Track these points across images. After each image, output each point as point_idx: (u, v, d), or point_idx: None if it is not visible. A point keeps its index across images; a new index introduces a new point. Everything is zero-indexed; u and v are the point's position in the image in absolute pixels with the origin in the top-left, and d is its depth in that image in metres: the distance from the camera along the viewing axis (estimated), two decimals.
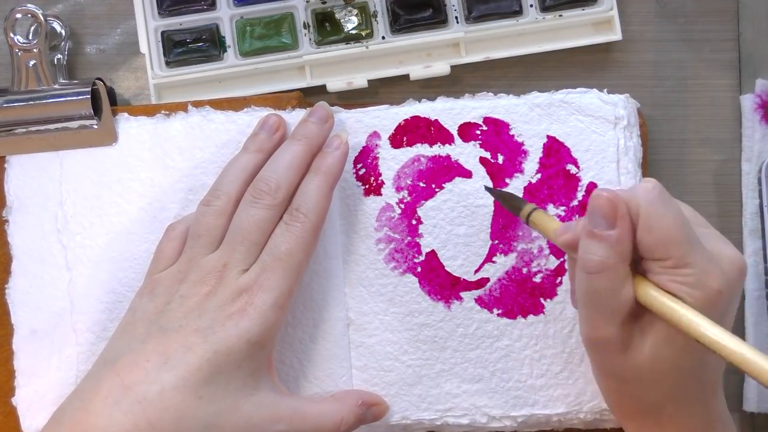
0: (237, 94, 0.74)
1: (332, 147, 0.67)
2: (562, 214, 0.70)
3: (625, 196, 0.57)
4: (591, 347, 0.61)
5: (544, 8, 0.74)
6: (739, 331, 0.73)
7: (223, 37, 0.74)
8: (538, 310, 0.70)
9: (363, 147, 0.71)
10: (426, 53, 0.75)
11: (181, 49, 0.74)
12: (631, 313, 0.57)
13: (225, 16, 0.74)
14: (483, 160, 0.71)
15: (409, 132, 0.71)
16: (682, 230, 0.56)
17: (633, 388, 0.60)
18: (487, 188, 0.68)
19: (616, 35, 0.74)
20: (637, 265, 0.58)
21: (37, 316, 0.69)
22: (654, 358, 0.57)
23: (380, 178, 0.71)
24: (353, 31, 0.74)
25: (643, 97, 0.74)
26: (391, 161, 0.71)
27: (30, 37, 0.72)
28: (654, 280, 0.57)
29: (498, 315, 0.70)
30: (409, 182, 0.71)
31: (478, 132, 0.71)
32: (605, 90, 0.72)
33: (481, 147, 0.71)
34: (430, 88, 0.75)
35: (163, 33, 0.74)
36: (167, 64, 0.74)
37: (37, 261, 0.70)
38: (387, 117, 0.72)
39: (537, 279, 0.70)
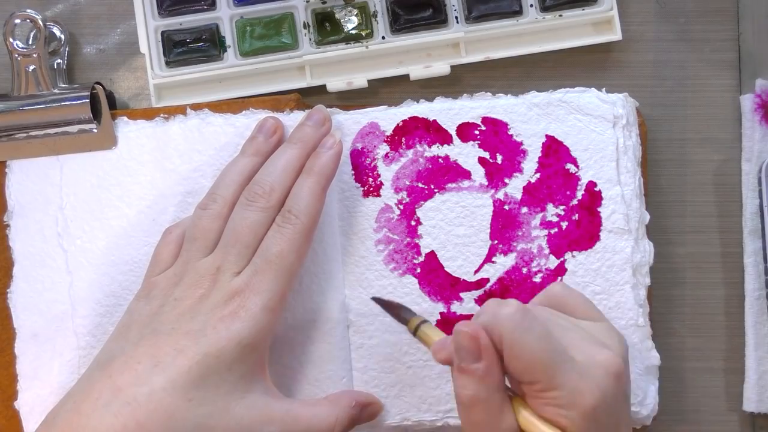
0: (237, 94, 0.73)
1: (326, 147, 0.67)
2: (562, 213, 0.70)
3: (486, 324, 0.56)
4: None
5: (544, 8, 0.73)
6: (738, 331, 0.73)
7: (223, 37, 0.73)
8: None
9: (362, 148, 0.71)
10: (426, 53, 0.74)
11: (181, 49, 0.73)
12: None
13: (225, 16, 0.74)
14: (482, 160, 0.70)
15: (408, 133, 0.71)
16: (546, 353, 0.55)
17: None
18: (374, 299, 0.67)
19: (616, 35, 0.73)
20: (517, 388, 0.57)
21: (38, 320, 0.69)
22: None
23: (379, 179, 0.70)
24: (353, 31, 0.73)
25: (643, 97, 0.73)
26: (390, 162, 0.71)
27: (29, 42, 0.71)
28: (530, 405, 0.56)
29: None
30: (407, 183, 0.70)
31: (477, 132, 0.71)
32: (604, 89, 0.71)
33: (479, 147, 0.71)
34: (430, 88, 0.74)
35: (163, 33, 0.73)
36: (167, 64, 0.73)
37: (38, 265, 0.70)
38: (385, 118, 0.71)
39: (537, 279, 0.70)
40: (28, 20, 0.71)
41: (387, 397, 0.69)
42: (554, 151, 0.70)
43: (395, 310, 0.64)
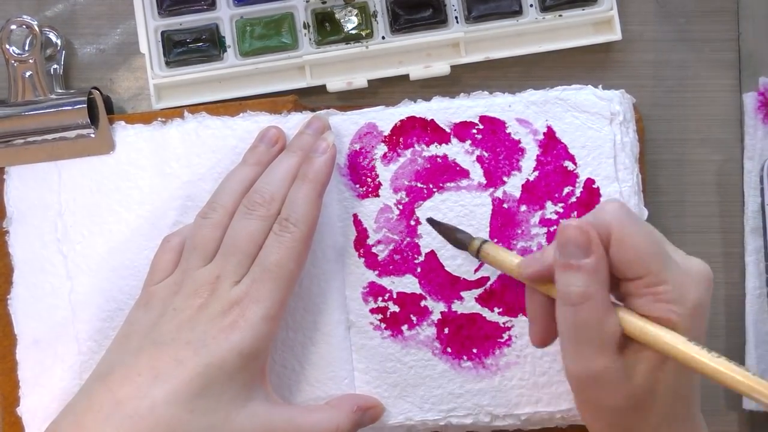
0: (237, 94, 0.71)
1: (318, 152, 0.64)
2: (561, 210, 0.67)
3: (592, 221, 0.54)
4: (582, 383, 0.56)
5: (544, 8, 0.70)
6: (739, 329, 0.71)
7: (223, 37, 0.71)
8: None
9: (359, 149, 0.68)
10: (426, 53, 0.71)
11: (181, 49, 0.70)
12: (619, 343, 0.54)
13: (225, 16, 0.71)
14: (480, 159, 0.68)
15: (406, 133, 0.68)
16: (655, 245, 0.53)
17: (628, 418, 0.56)
18: (429, 220, 0.66)
19: (615, 35, 0.71)
20: (616, 293, 0.55)
21: (39, 326, 0.67)
22: (649, 385, 0.54)
23: (377, 180, 0.68)
24: (353, 31, 0.71)
25: (642, 97, 0.71)
26: (388, 162, 0.68)
27: (25, 48, 0.69)
28: (635, 306, 0.53)
29: (499, 313, 0.67)
30: (406, 183, 0.68)
31: (475, 131, 0.68)
32: (600, 86, 0.69)
33: (478, 146, 0.68)
34: (430, 88, 0.71)
35: (163, 33, 0.71)
36: (167, 64, 0.71)
37: (38, 271, 0.67)
38: (383, 118, 0.68)
39: None
40: (23, 26, 0.69)
41: (389, 398, 0.67)
42: (552, 148, 0.68)
43: (451, 234, 0.64)
